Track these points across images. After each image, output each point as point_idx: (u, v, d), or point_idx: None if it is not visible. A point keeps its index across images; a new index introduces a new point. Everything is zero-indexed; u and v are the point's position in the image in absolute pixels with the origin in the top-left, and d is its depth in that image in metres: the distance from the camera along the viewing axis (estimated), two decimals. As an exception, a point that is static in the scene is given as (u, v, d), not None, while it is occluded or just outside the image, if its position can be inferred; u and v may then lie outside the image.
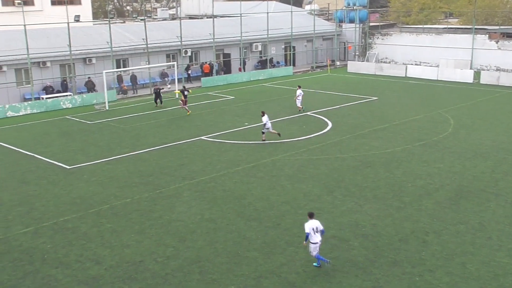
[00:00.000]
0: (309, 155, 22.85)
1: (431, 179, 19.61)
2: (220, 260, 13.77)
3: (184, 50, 43.86)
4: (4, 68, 35.62)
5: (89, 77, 39.04)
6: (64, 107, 35.68)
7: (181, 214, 16.71)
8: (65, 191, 19.15)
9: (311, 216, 13.09)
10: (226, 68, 47.78)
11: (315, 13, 57.90)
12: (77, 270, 13.44)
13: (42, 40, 38.71)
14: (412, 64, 50.02)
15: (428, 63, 50.03)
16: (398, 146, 24.10)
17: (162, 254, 14.15)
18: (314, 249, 13.08)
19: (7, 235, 15.49)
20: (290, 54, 51.94)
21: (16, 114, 33.64)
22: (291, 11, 50.55)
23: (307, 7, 67.93)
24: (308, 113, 31.48)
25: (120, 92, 39.47)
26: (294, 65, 52.52)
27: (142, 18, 43.65)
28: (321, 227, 13.11)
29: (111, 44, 38.42)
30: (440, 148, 23.69)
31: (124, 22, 55.68)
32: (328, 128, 27.75)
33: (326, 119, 29.72)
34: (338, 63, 54.53)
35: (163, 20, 56.74)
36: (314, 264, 13.34)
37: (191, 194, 18.50)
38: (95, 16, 70.41)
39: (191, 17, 57.92)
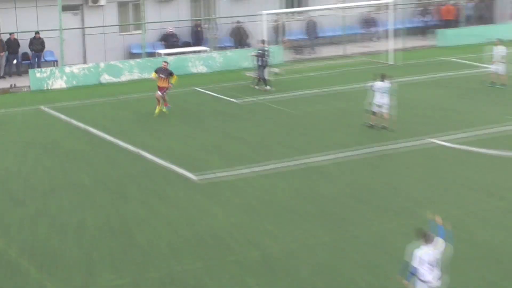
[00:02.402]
0: None
1: None
2: None
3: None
4: (102, 1, 38.10)
5: (238, 21, 40.39)
6: (195, 71, 37.37)
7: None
8: (186, 219, 19.69)
9: (427, 239, 14.00)
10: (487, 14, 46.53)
11: None
12: None
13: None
14: None
15: None
16: None
17: None
18: None
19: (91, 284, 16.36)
20: None
21: (115, 80, 35.94)
22: None
23: None
24: None
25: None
26: None
27: None
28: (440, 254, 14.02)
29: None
30: None
31: None
32: None
33: None
34: None
35: None
36: None
37: (410, 242, 17.84)
38: None
39: None
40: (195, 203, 20.83)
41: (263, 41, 34.47)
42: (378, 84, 27.08)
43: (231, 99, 32.00)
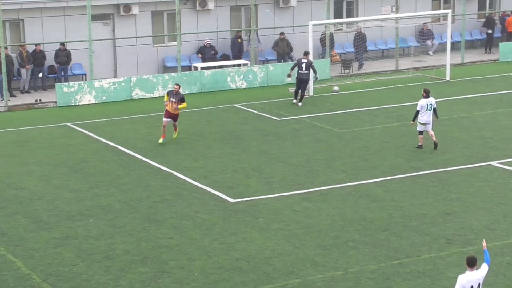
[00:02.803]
0: None
1: None
2: None
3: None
4: (135, 10, 38.47)
5: (281, 33, 40.64)
6: (233, 86, 37.66)
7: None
8: (221, 244, 19.85)
9: (470, 264, 14.46)
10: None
11: None
12: None
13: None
14: None
15: None
16: None
17: None
18: None
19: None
20: None
21: (148, 95, 36.25)
22: None
23: None
24: None
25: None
26: None
27: None
28: (482, 279, 14.54)
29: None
30: None
31: None
32: None
33: None
34: None
35: None
36: None
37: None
38: None
39: None
40: (231, 227, 21.00)
41: (306, 53, 34.65)
42: (422, 101, 27.09)
43: (273, 117, 32.19)
